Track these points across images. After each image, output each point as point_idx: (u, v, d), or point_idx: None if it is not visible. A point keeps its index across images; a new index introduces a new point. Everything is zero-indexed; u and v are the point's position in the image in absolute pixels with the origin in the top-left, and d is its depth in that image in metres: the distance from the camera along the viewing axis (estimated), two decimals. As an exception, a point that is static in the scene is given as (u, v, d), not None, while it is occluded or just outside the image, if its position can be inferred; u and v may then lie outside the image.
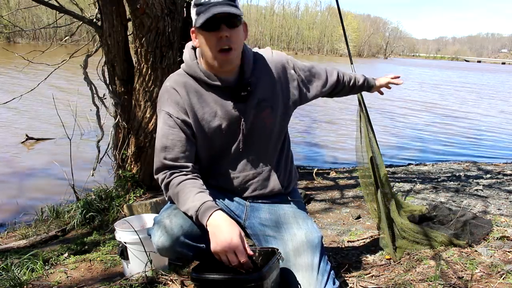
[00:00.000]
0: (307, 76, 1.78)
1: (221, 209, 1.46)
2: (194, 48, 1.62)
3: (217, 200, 1.61)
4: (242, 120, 1.61)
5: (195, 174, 1.58)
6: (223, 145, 1.64)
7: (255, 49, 1.71)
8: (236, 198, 1.72)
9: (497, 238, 2.38)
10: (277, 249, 1.52)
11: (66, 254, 2.43)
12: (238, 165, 1.67)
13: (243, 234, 1.43)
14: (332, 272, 1.57)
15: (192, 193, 1.49)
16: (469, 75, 36.20)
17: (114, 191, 3.24)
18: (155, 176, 1.62)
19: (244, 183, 1.69)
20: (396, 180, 4.11)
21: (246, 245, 1.41)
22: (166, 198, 1.62)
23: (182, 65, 1.64)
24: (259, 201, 1.72)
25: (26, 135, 6.28)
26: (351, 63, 2.66)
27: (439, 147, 7.66)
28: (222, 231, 1.39)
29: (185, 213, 1.52)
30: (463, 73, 40.64)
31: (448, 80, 28.44)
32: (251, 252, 1.41)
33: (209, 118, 1.60)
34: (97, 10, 3.23)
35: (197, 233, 1.52)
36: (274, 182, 1.71)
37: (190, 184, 1.53)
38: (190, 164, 1.58)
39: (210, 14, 1.41)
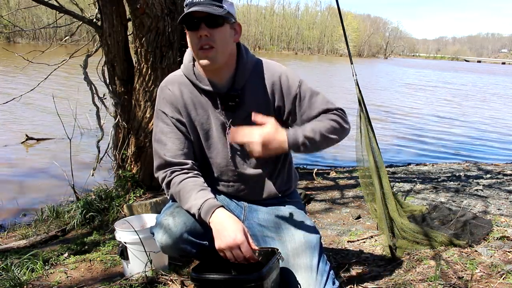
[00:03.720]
0: (305, 106, 1.60)
1: (223, 206, 1.46)
2: None
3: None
4: (227, 129, 1.60)
5: (196, 172, 1.58)
6: (214, 150, 1.64)
7: (265, 60, 1.65)
8: (234, 199, 1.72)
9: (497, 238, 2.38)
10: (277, 249, 1.52)
11: (66, 254, 2.43)
12: (230, 172, 1.66)
13: (246, 229, 1.43)
14: (331, 272, 1.57)
15: (193, 191, 1.50)
16: (467, 77, 36.11)
17: (114, 191, 3.24)
18: (156, 175, 1.62)
19: (239, 191, 1.69)
20: (396, 180, 4.11)
21: (251, 240, 1.41)
22: (168, 197, 1.62)
23: (181, 66, 1.65)
24: (257, 203, 1.73)
25: (26, 135, 6.28)
26: (351, 63, 2.66)
27: (439, 147, 7.66)
28: (226, 228, 1.39)
29: (187, 211, 1.52)
30: (460, 75, 40.56)
31: (446, 82, 28.41)
32: (256, 247, 1.42)
33: (202, 120, 1.61)
34: (97, 10, 3.23)
35: (200, 230, 1.52)
36: (269, 188, 1.70)
37: (191, 182, 1.53)
38: (189, 161, 1.59)
39: (187, 12, 1.44)
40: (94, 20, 3.29)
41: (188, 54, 1.63)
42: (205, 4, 1.44)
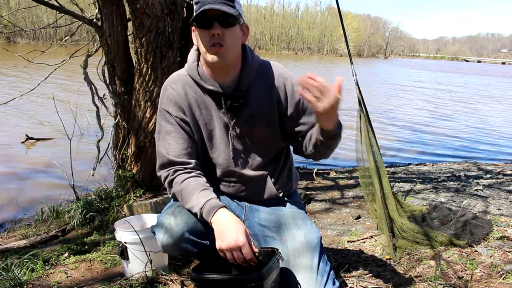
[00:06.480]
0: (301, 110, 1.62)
1: (225, 206, 1.46)
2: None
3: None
4: (230, 129, 1.60)
5: (199, 172, 1.58)
6: (217, 150, 1.64)
7: (272, 62, 1.65)
8: (235, 199, 1.72)
9: (497, 238, 2.38)
10: (277, 249, 1.52)
11: (66, 254, 2.43)
12: (232, 173, 1.66)
13: (248, 231, 1.43)
14: (331, 272, 1.56)
15: (196, 191, 1.50)
16: (466, 78, 36.05)
17: (114, 191, 3.24)
18: (158, 174, 1.62)
19: (240, 191, 1.69)
20: (396, 180, 4.11)
21: (252, 242, 1.41)
22: (170, 196, 1.62)
23: (185, 65, 1.65)
24: (258, 203, 1.73)
25: (26, 135, 6.28)
26: (351, 63, 2.66)
27: (439, 147, 7.66)
28: (228, 229, 1.39)
29: (189, 211, 1.52)
30: (463, 76, 40.44)
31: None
32: (256, 250, 1.42)
33: (206, 120, 1.61)
34: (97, 10, 3.23)
35: (202, 230, 1.52)
36: (270, 190, 1.70)
37: (194, 181, 1.53)
38: (193, 161, 1.59)
39: (201, 10, 1.43)
40: (94, 20, 3.28)
41: (193, 54, 1.62)
42: (218, 3, 1.43)
